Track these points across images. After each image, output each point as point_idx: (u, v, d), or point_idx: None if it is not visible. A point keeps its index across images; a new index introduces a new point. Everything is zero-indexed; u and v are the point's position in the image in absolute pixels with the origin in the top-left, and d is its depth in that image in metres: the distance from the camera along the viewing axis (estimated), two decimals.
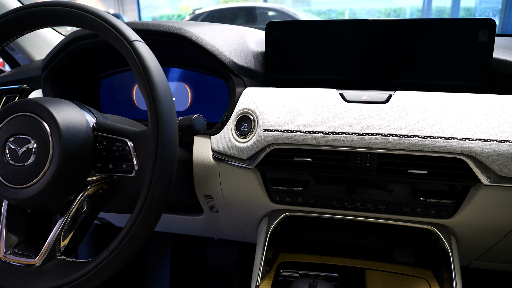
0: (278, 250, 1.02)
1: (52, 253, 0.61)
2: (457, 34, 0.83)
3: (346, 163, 0.81)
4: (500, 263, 1.02)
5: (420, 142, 0.74)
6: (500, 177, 0.73)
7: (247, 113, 0.84)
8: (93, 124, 0.63)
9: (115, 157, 0.61)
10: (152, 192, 0.55)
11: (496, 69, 0.85)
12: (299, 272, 0.94)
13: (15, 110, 0.60)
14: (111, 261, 0.55)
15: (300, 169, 0.84)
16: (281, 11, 6.19)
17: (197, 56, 0.91)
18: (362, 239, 1.10)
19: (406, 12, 13.33)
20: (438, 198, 0.83)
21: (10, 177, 0.58)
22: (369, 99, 0.80)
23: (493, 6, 11.44)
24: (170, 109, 0.57)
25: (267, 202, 0.91)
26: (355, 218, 0.90)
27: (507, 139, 0.72)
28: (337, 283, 0.91)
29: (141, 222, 0.55)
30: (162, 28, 0.88)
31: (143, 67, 0.56)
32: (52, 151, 0.57)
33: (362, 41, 0.89)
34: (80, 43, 0.93)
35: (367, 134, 0.76)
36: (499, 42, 0.92)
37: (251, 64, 0.93)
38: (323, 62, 0.93)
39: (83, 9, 0.59)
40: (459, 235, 0.88)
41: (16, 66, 1.39)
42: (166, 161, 0.56)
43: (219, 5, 9.13)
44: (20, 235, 0.66)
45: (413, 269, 0.95)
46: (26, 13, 0.62)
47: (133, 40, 0.58)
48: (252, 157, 0.83)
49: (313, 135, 0.79)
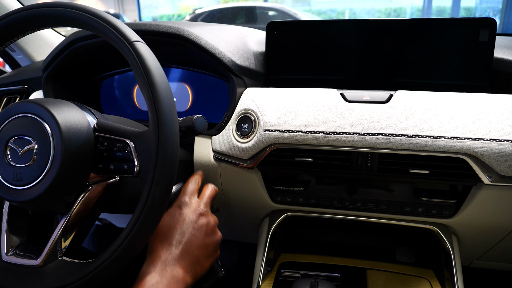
0: (279, 250, 1.02)
1: (53, 254, 0.61)
2: (457, 34, 0.83)
3: (347, 163, 0.81)
4: (502, 262, 1.02)
5: (421, 141, 0.74)
6: (501, 177, 0.73)
7: (248, 113, 0.84)
8: (94, 125, 0.63)
9: (116, 157, 0.61)
10: (153, 193, 0.55)
11: (497, 69, 0.85)
12: (300, 272, 0.94)
13: (16, 111, 0.60)
14: (112, 261, 0.55)
15: (301, 169, 0.84)
16: (281, 11, 6.19)
17: (198, 56, 0.91)
18: (363, 239, 1.10)
19: (406, 12, 13.33)
20: (439, 198, 0.83)
21: (11, 178, 0.58)
22: (370, 99, 0.80)
23: (494, 6, 11.44)
24: (171, 110, 0.57)
25: (268, 202, 0.91)
26: (356, 218, 0.90)
27: (508, 139, 0.72)
28: (339, 283, 0.91)
29: (143, 223, 0.55)
30: (162, 29, 0.88)
31: (143, 68, 0.56)
32: (53, 152, 0.57)
33: (362, 41, 0.89)
34: (80, 44, 0.93)
35: (368, 134, 0.76)
36: (500, 41, 0.92)
37: (251, 64, 0.93)
38: (323, 62, 0.93)
39: (83, 10, 0.59)
40: (461, 234, 0.88)
41: (16, 67, 1.39)
42: (167, 162, 0.56)
43: (219, 5, 9.14)
44: (21, 236, 0.66)
45: (415, 269, 0.95)
46: (27, 14, 0.62)
47: (134, 41, 0.58)
48: (253, 157, 0.83)
49: (314, 135, 0.79)
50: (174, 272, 0.59)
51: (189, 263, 0.62)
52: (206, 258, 0.66)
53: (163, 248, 0.62)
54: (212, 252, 0.68)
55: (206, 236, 0.66)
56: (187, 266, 0.62)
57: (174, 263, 0.61)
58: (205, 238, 0.65)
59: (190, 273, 0.62)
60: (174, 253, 0.61)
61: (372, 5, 13.69)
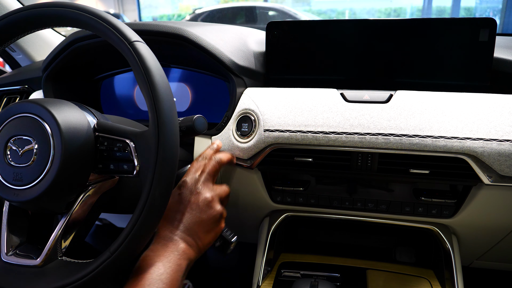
0: (279, 250, 1.02)
1: (53, 254, 0.61)
2: (457, 34, 0.83)
3: (347, 163, 0.81)
4: (502, 262, 1.02)
5: (421, 141, 0.74)
6: (501, 177, 0.73)
7: (248, 113, 0.84)
8: (94, 125, 0.63)
9: (116, 157, 0.61)
10: (153, 193, 0.55)
11: (497, 69, 0.85)
12: (300, 272, 0.94)
13: (16, 111, 0.60)
14: (112, 261, 0.55)
15: (301, 169, 0.84)
16: (281, 11, 6.19)
17: (198, 56, 0.91)
18: (363, 239, 1.10)
19: (406, 12, 13.33)
20: (439, 198, 0.83)
21: (11, 178, 0.58)
22: (370, 99, 0.80)
23: (494, 6, 11.44)
24: (171, 110, 0.57)
25: (268, 202, 0.91)
26: (356, 218, 0.90)
27: (508, 139, 0.72)
28: (339, 283, 0.91)
29: (142, 223, 0.55)
30: (162, 29, 0.88)
31: (143, 68, 0.56)
32: (53, 152, 0.57)
33: (362, 41, 0.89)
34: (80, 43, 0.93)
35: (368, 134, 0.76)
36: (500, 41, 0.92)
37: (251, 64, 0.93)
38: (323, 62, 0.93)
39: (83, 10, 0.59)
40: (461, 234, 0.88)
41: (16, 67, 1.39)
42: (167, 162, 0.56)
43: (219, 5, 9.14)
44: (21, 236, 0.66)
45: (415, 269, 0.95)
46: (27, 14, 0.62)
47: (134, 41, 0.58)
48: (253, 157, 0.83)
49: (314, 135, 0.79)
50: (176, 247, 0.63)
51: (189, 239, 0.66)
52: (206, 233, 0.69)
53: (165, 227, 0.65)
54: (212, 227, 0.70)
55: (202, 212, 0.68)
56: (188, 241, 0.65)
57: (176, 239, 0.64)
58: (200, 214, 0.68)
59: (193, 248, 0.66)
60: (174, 231, 0.65)
61: (372, 5, 13.70)
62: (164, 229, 0.65)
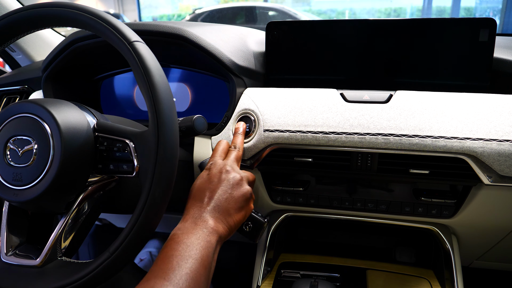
0: (279, 250, 1.02)
1: (53, 254, 0.61)
2: (457, 34, 0.83)
3: (347, 163, 0.81)
4: (502, 262, 1.02)
5: (421, 142, 0.74)
6: (501, 177, 0.73)
7: (248, 113, 0.84)
8: (94, 125, 0.63)
9: (116, 157, 0.62)
10: (153, 193, 0.55)
11: (497, 69, 0.85)
12: (300, 272, 0.94)
13: (15, 111, 0.60)
14: (112, 262, 0.55)
15: (301, 169, 0.84)
16: (281, 11, 6.19)
17: (198, 56, 0.91)
18: (363, 239, 1.10)
19: (406, 12, 13.33)
20: (439, 198, 0.83)
21: (11, 178, 0.58)
22: (370, 99, 0.80)
23: (493, 6, 11.44)
24: (170, 110, 0.57)
25: (268, 202, 0.91)
26: (356, 218, 0.90)
27: (508, 139, 0.72)
28: (338, 283, 0.91)
29: (142, 223, 0.55)
30: (162, 29, 0.88)
31: (143, 68, 0.56)
32: (53, 152, 0.57)
33: (362, 41, 0.89)
34: (80, 44, 0.93)
35: (368, 134, 0.76)
36: (500, 41, 0.92)
37: (251, 64, 0.93)
38: (323, 62, 0.93)
39: (82, 10, 0.59)
40: (460, 235, 0.88)
41: (16, 67, 1.39)
42: (167, 162, 0.56)
43: (219, 5, 9.14)
44: (21, 236, 0.66)
45: (414, 269, 0.95)
46: (27, 14, 0.62)
47: (133, 41, 0.58)
48: (253, 157, 0.83)
49: (314, 135, 0.79)
50: (205, 224, 0.62)
51: (219, 216, 0.65)
52: (237, 210, 0.68)
53: (194, 206, 0.65)
54: (243, 204, 0.69)
55: (233, 189, 0.68)
56: (218, 218, 0.65)
57: (205, 216, 0.63)
58: (232, 190, 0.68)
59: (222, 224, 0.65)
60: (204, 209, 0.64)
61: (372, 5, 13.70)
62: (193, 208, 0.65)
